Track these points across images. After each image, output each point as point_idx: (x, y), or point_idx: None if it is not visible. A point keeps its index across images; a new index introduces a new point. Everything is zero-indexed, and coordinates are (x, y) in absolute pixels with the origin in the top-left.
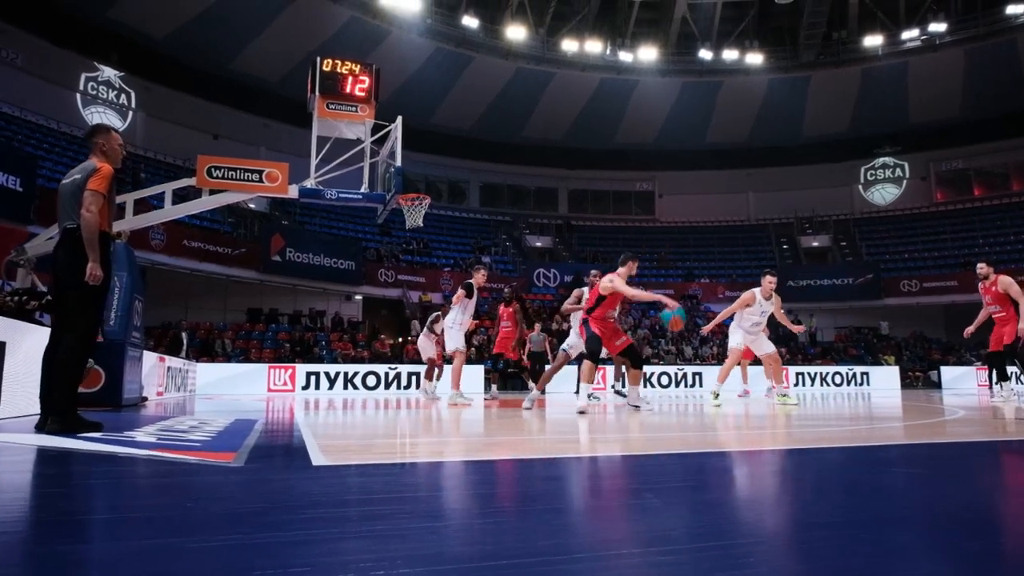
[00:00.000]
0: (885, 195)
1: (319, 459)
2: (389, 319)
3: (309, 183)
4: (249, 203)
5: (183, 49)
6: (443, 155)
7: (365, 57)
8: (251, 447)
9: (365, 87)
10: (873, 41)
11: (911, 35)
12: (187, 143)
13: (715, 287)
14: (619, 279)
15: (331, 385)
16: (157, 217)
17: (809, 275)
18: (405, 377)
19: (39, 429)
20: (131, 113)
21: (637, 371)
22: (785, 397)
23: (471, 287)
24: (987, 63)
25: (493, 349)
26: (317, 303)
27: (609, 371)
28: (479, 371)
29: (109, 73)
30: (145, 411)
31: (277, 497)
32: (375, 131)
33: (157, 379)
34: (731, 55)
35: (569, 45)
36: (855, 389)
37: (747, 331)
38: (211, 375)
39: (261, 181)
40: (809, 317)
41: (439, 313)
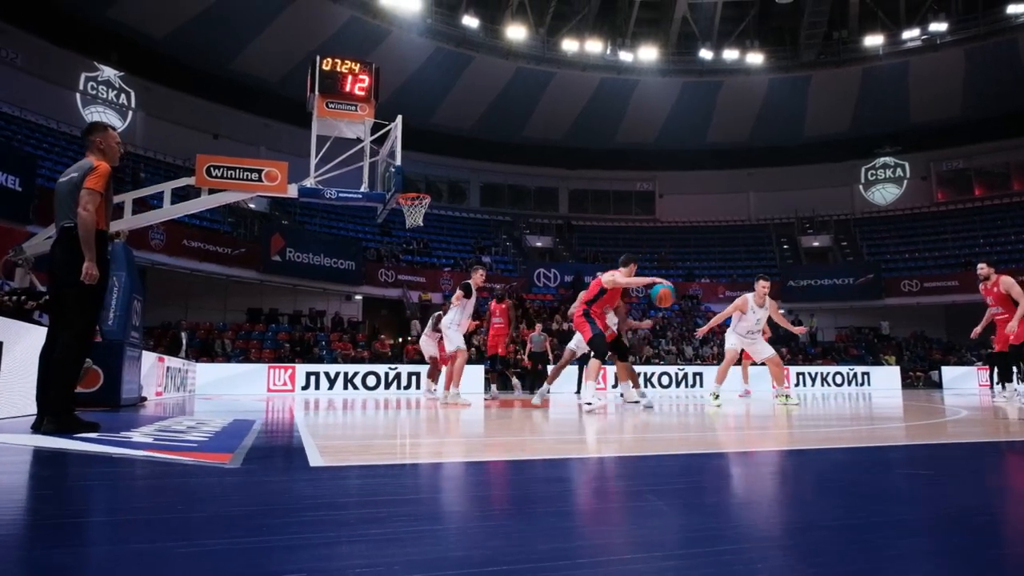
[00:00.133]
0: (886, 195)
1: (317, 460)
2: (389, 319)
3: (309, 182)
4: (249, 203)
5: (183, 49)
6: (443, 155)
7: (365, 57)
8: (248, 448)
9: (365, 86)
10: (874, 41)
11: (912, 35)
12: (187, 143)
13: (715, 287)
14: (623, 275)
15: (331, 385)
16: (156, 216)
17: (810, 275)
18: (405, 377)
19: (35, 429)
20: (131, 113)
21: (624, 363)
22: (787, 398)
23: (469, 287)
24: (988, 63)
25: (487, 347)
26: (317, 303)
27: (610, 371)
28: (479, 371)
29: (109, 73)
30: (143, 411)
31: (271, 499)
32: (375, 130)
33: (156, 379)
34: (731, 55)
35: (569, 45)
36: (856, 389)
37: (743, 337)
38: (211, 375)
39: (260, 180)
40: (810, 317)
41: (440, 312)
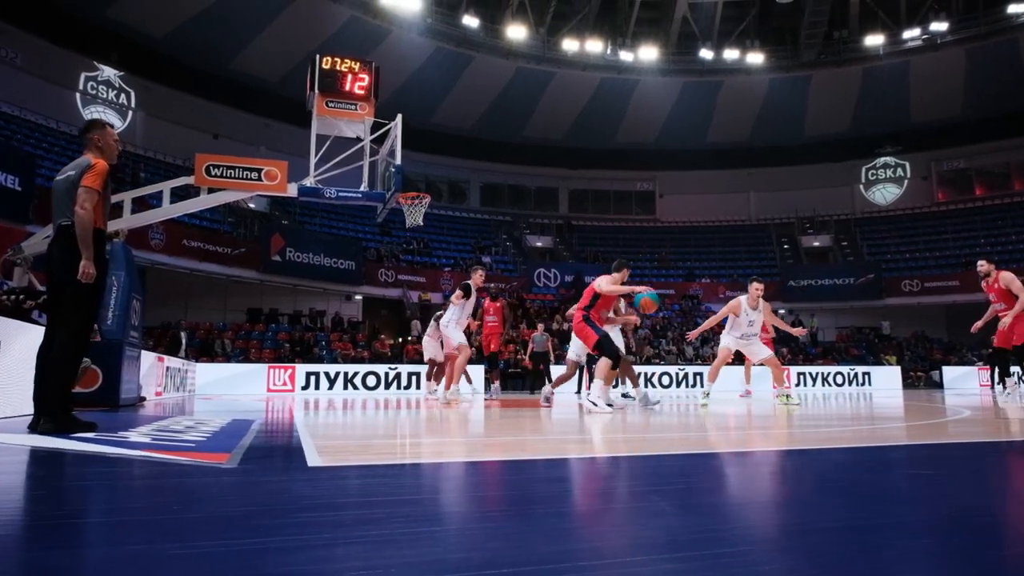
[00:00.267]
0: (886, 195)
1: (315, 460)
2: (389, 319)
3: (308, 181)
4: (249, 203)
5: (183, 48)
6: (443, 155)
7: (365, 56)
8: (246, 447)
9: (365, 85)
10: (874, 40)
11: (912, 34)
12: (187, 143)
13: (716, 287)
14: (609, 282)
15: (331, 385)
16: (155, 216)
17: (810, 275)
18: (405, 377)
19: (32, 429)
20: (131, 113)
21: (606, 364)
22: (787, 397)
23: (469, 287)
24: (988, 62)
25: (483, 346)
26: (317, 303)
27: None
28: (479, 371)
29: (109, 72)
30: (142, 411)
31: (268, 499)
32: (375, 129)
33: (156, 379)
34: (732, 55)
35: (570, 45)
36: (857, 389)
37: (737, 339)
38: (211, 375)
39: (260, 179)
40: (810, 317)
41: (441, 312)
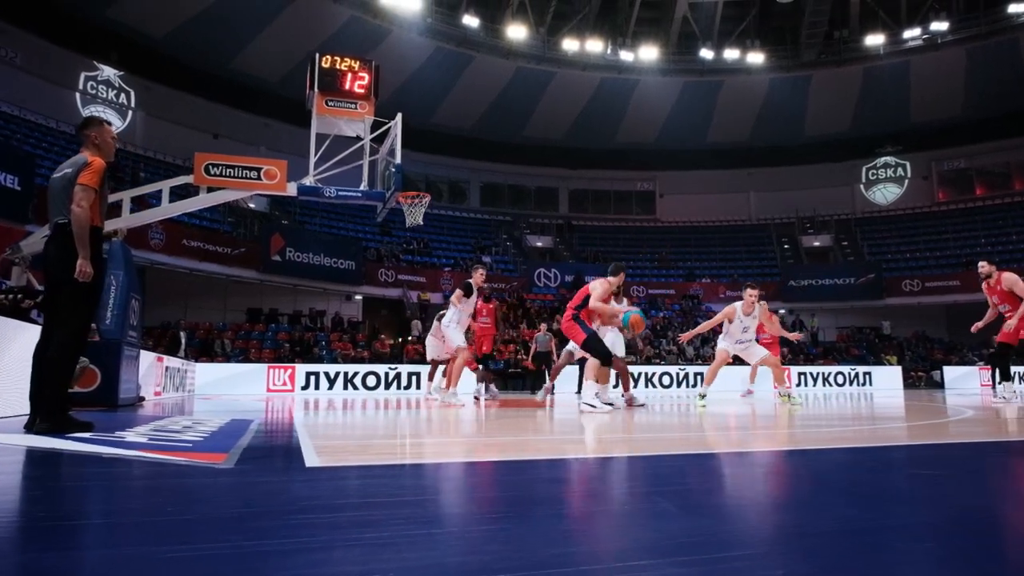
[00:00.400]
0: (887, 195)
1: (313, 460)
2: (389, 319)
3: (308, 180)
4: (249, 203)
5: (183, 48)
6: (443, 155)
7: (365, 56)
8: (244, 447)
9: (364, 84)
10: (874, 40)
11: (913, 34)
12: (187, 142)
13: (716, 287)
14: (602, 283)
15: (331, 385)
16: (154, 215)
17: (810, 275)
18: (405, 377)
19: (28, 429)
20: (131, 112)
21: (595, 364)
22: (789, 397)
23: (470, 287)
24: (989, 62)
25: (476, 347)
26: (317, 303)
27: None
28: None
29: (109, 72)
30: (141, 411)
31: (264, 500)
32: (374, 128)
33: (155, 379)
34: (732, 54)
35: (570, 44)
36: (857, 389)
37: (733, 344)
38: (210, 375)
39: (259, 178)
40: (811, 317)
41: (445, 311)
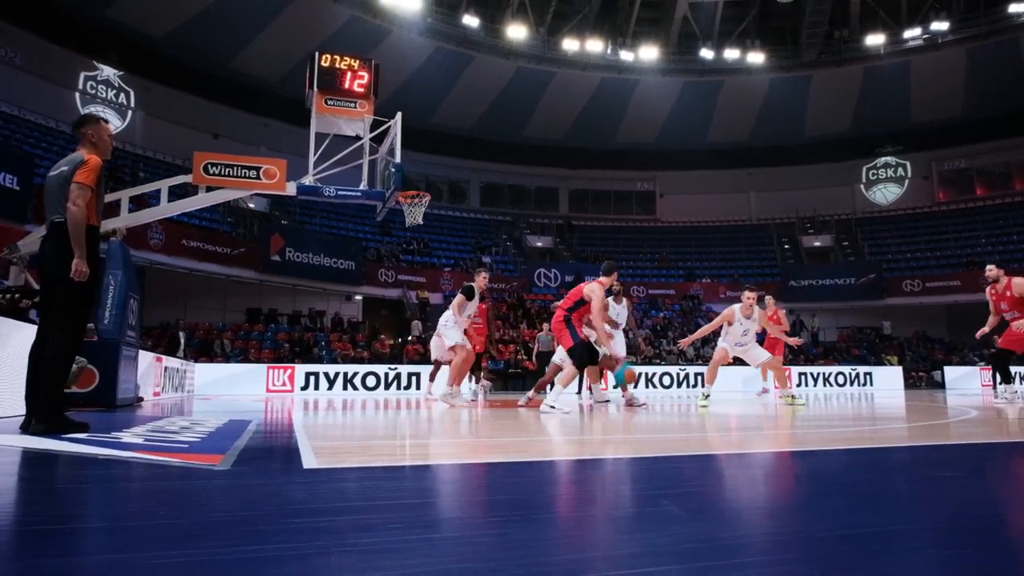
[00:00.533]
0: (887, 195)
1: (311, 462)
2: (389, 319)
3: (307, 180)
4: (248, 202)
5: (183, 48)
6: (443, 155)
7: (365, 56)
8: (241, 449)
9: (364, 83)
10: (875, 40)
11: (913, 34)
12: (187, 142)
13: (716, 287)
14: (600, 289)
15: (330, 386)
16: (153, 214)
17: (811, 275)
18: (405, 378)
19: (24, 430)
20: (130, 112)
21: (594, 367)
22: (792, 398)
23: (471, 290)
24: (989, 62)
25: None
26: (317, 303)
27: (609, 374)
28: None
29: (108, 72)
30: (139, 411)
31: (259, 504)
32: (374, 127)
33: (154, 379)
34: (732, 54)
35: (570, 44)
36: (858, 389)
37: (733, 346)
38: (210, 375)
39: (258, 178)
40: (811, 317)
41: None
